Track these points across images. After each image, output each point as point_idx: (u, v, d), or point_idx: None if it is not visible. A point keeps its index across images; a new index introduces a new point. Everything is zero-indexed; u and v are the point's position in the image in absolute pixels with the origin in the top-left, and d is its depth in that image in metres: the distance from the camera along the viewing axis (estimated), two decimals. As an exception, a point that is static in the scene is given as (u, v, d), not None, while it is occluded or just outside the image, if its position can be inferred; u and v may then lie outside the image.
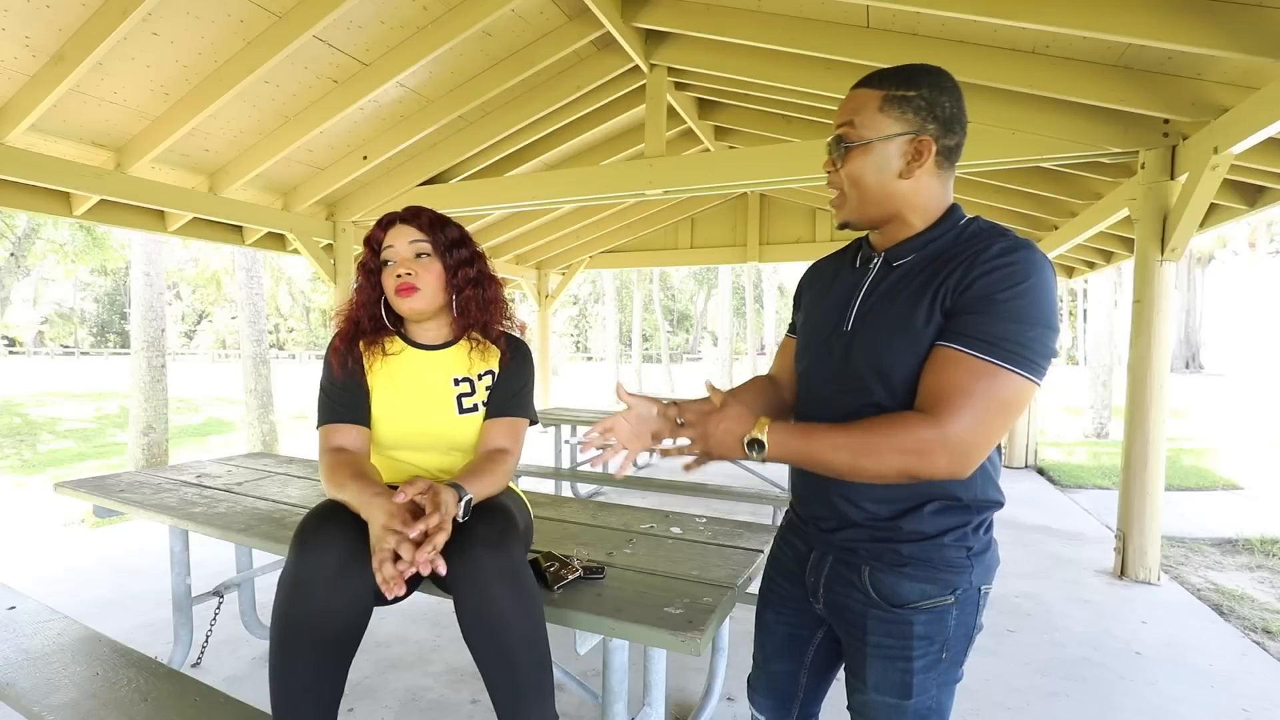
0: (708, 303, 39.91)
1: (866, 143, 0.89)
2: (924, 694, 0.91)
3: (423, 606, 2.64)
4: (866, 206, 0.92)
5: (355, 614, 1.09)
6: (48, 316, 35.94)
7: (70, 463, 7.94)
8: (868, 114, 0.89)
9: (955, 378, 0.79)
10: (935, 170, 0.90)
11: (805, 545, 1.03)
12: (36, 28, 2.58)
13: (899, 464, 0.79)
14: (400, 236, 1.31)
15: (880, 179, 0.89)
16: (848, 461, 0.82)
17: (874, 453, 0.80)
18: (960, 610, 0.90)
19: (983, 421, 0.78)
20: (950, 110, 0.88)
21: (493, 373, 1.37)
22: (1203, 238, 14.76)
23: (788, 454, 0.84)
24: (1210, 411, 11.69)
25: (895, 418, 0.82)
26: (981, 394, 0.78)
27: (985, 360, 0.78)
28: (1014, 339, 0.78)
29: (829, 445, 0.82)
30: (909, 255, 0.91)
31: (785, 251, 6.94)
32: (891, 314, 0.88)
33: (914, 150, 0.87)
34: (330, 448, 1.27)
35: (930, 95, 0.87)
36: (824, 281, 1.07)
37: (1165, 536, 3.61)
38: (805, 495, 1.03)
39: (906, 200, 0.90)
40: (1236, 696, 2.12)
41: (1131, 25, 2.32)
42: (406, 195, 4.60)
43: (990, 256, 0.81)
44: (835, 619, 0.99)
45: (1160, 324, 3.03)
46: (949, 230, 0.90)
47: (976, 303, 0.80)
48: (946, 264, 0.85)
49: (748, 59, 3.49)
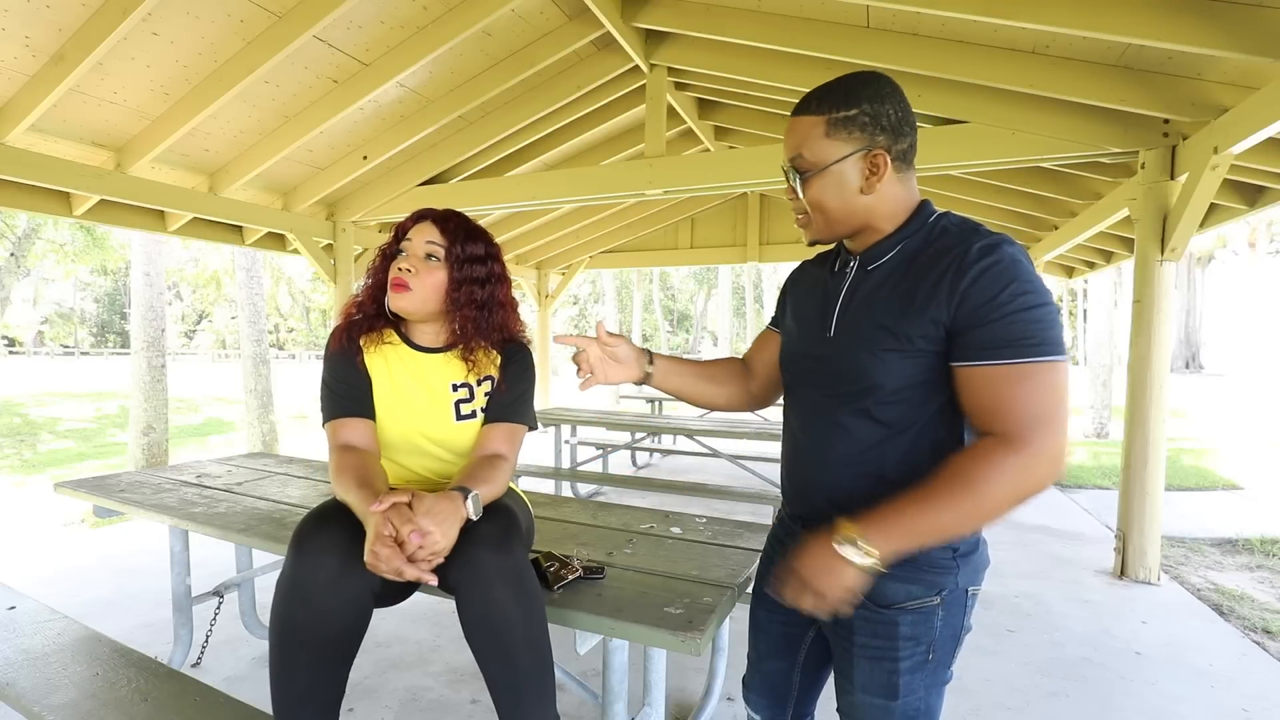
0: (708, 303, 39.91)
1: (822, 169, 0.89)
2: (911, 695, 0.92)
3: (423, 607, 2.64)
4: (834, 226, 0.93)
5: (354, 616, 1.08)
6: (48, 316, 35.96)
7: (70, 463, 7.94)
8: (814, 142, 0.89)
9: (1000, 392, 0.79)
10: (895, 176, 0.90)
11: (795, 545, 1.03)
12: (36, 28, 2.58)
13: (1011, 501, 0.79)
14: (421, 233, 1.29)
15: (842, 199, 0.90)
16: (965, 526, 0.80)
17: (985, 510, 0.79)
18: (947, 611, 0.90)
19: (1049, 419, 0.78)
20: (896, 116, 0.88)
21: (492, 378, 1.35)
22: (1203, 238, 14.77)
23: (900, 550, 0.82)
24: (1210, 411, 11.69)
25: (973, 462, 0.80)
26: (1032, 395, 0.78)
27: (1016, 364, 0.79)
28: (1031, 332, 0.79)
29: (934, 529, 0.81)
30: (882, 258, 0.92)
31: (785, 251, 6.95)
32: (875, 321, 0.89)
33: (869, 165, 0.88)
34: (339, 445, 1.25)
35: (872, 108, 0.87)
36: (806, 285, 1.08)
37: (1165, 536, 3.61)
38: (793, 496, 1.04)
39: (872, 211, 0.91)
40: (1236, 696, 2.12)
41: (1131, 25, 2.32)
42: (406, 195, 4.61)
43: (973, 261, 0.81)
44: (823, 619, 1.00)
45: (1160, 324, 3.03)
46: (919, 229, 0.90)
47: (980, 313, 0.80)
48: (927, 268, 0.85)
49: (748, 59, 3.49)
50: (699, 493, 3.43)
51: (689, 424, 4.64)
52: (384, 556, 0.99)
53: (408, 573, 1.00)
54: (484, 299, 1.32)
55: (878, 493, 0.89)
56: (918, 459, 0.88)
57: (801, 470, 1.01)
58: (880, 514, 0.82)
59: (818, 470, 0.97)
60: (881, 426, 0.89)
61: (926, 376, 0.86)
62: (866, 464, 0.91)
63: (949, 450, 0.89)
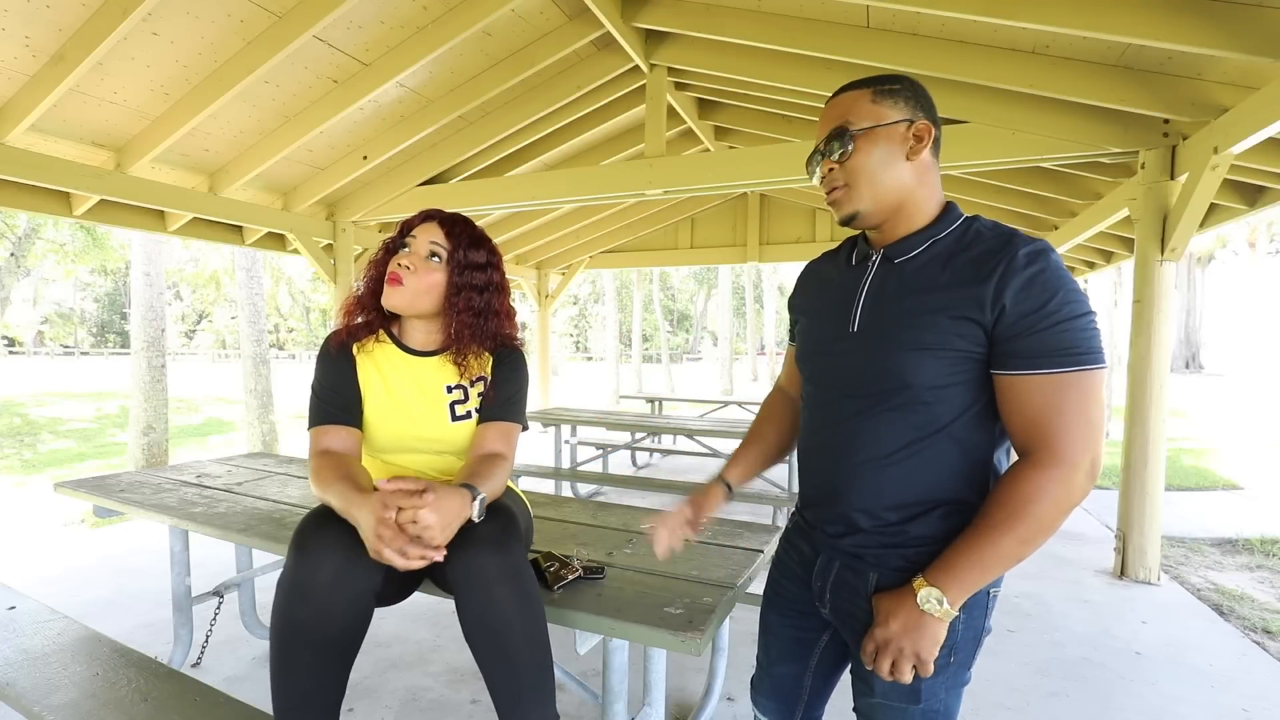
0: (708, 303, 39.93)
1: (872, 127, 0.89)
2: (932, 698, 0.90)
3: (423, 606, 2.64)
4: (874, 197, 0.90)
5: (355, 616, 1.08)
6: (48, 316, 35.94)
7: (70, 463, 7.94)
8: (861, 107, 0.90)
9: (1045, 401, 0.80)
10: (932, 161, 0.92)
11: (811, 549, 1.02)
12: (36, 28, 2.58)
13: (1060, 516, 0.80)
14: (427, 233, 1.29)
15: (887, 164, 0.89)
16: (1025, 551, 0.81)
17: (1040, 530, 0.80)
18: (968, 614, 0.88)
19: (1086, 428, 0.79)
20: (932, 109, 0.92)
21: (485, 379, 1.36)
22: (1203, 238, 14.76)
23: (973, 591, 0.84)
24: (1210, 411, 11.69)
25: (1019, 487, 0.81)
26: (1073, 405, 0.79)
27: (1061, 373, 0.79)
28: (1077, 341, 0.79)
29: (998, 559, 0.82)
30: (911, 252, 0.91)
31: (785, 251, 6.95)
32: (906, 319, 0.87)
33: (914, 135, 0.89)
34: (318, 450, 1.25)
35: (913, 90, 0.91)
36: (820, 282, 1.06)
37: (1165, 536, 3.61)
38: (812, 500, 1.02)
39: (912, 190, 0.90)
40: (1236, 696, 2.12)
41: (1131, 25, 2.32)
42: (406, 195, 4.61)
43: (1020, 266, 0.80)
44: (841, 623, 0.98)
45: (1160, 324, 3.03)
46: (949, 228, 0.90)
47: (1027, 322, 0.80)
48: (967, 269, 0.84)
49: (748, 59, 3.49)
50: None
51: (689, 424, 4.64)
52: (387, 538, 0.99)
53: (412, 553, 1.00)
54: (481, 306, 1.32)
55: (900, 496, 0.89)
56: (948, 463, 0.87)
57: (823, 473, 0.98)
58: (947, 562, 0.84)
59: (841, 474, 0.94)
60: (910, 428, 0.87)
61: (959, 378, 0.85)
62: (893, 467, 0.89)
63: (980, 456, 0.88)
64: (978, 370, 0.85)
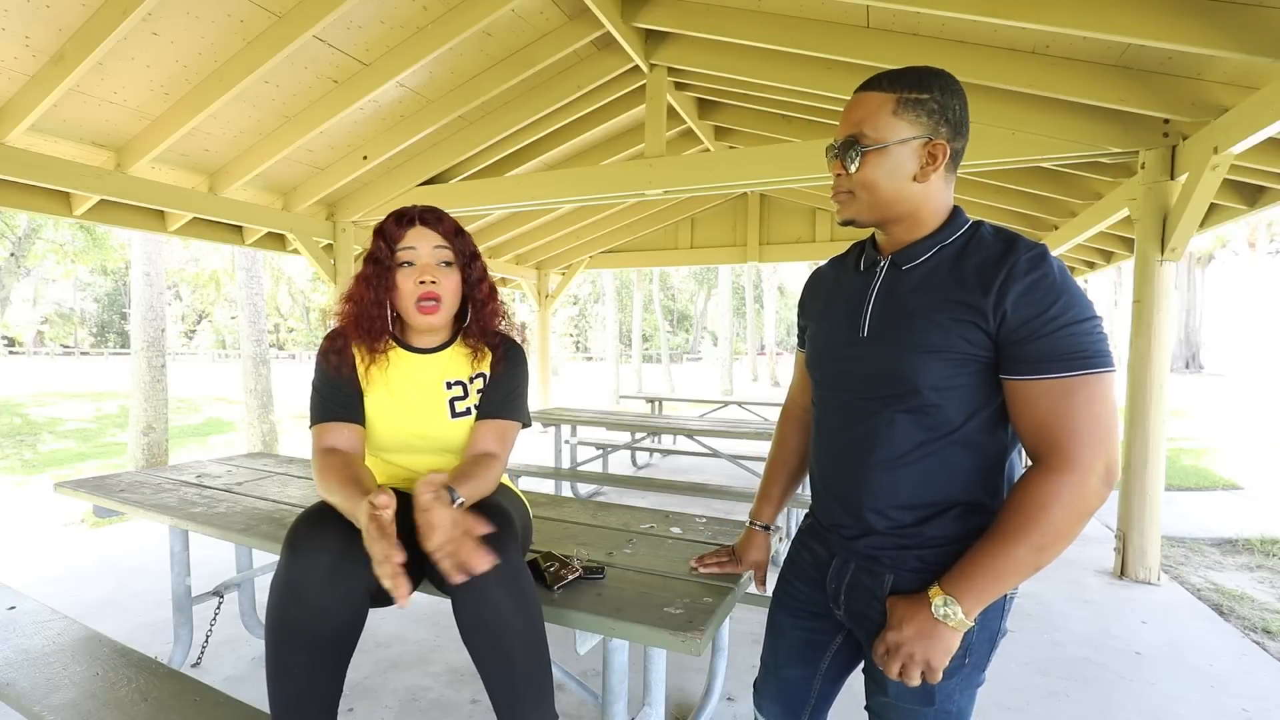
0: (708, 303, 39.93)
1: (883, 146, 0.87)
2: (946, 700, 0.90)
3: (423, 606, 2.64)
4: (878, 208, 0.91)
5: (349, 615, 1.08)
6: (48, 316, 35.92)
7: (70, 463, 7.94)
8: (882, 117, 0.87)
9: (1054, 406, 0.80)
10: (945, 175, 0.90)
11: (826, 551, 1.01)
12: (36, 28, 2.58)
13: (1077, 522, 0.79)
14: (424, 240, 1.25)
15: (894, 182, 0.88)
16: (1042, 559, 0.81)
17: (1056, 537, 0.79)
18: (984, 615, 0.88)
19: (1097, 432, 0.79)
20: (959, 114, 0.88)
21: (484, 375, 1.35)
22: (1203, 238, 14.76)
23: (989, 600, 0.83)
24: (1210, 411, 11.69)
25: (1032, 495, 0.80)
26: (1082, 409, 0.79)
27: (1067, 377, 0.79)
28: (1083, 345, 0.79)
29: (1013, 567, 0.81)
30: (918, 259, 0.91)
31: (785, 251, 6.94)
32: (914, 323, 0.87)
33: (928, 154, 0.87)
34: (322, 448, 1.23)
35: (942, 98, 0.87)
36: (828, 287, 1.06)
37: (1165, 536, 3.61)
38: (827, 502, 1.01)
39: (918, 203, 0.90)
40: (1236, 696, 2.12)
41: (1131, 25, 2.32)
42: (406, 195, 4.61)
43: (1023, 272, 0.80)
44: (856, 625, 0.98)
45: (1160, 324, 3.03)
46: (956, 234, 0.90)
47: (1031, 327, 0.80)
48: (972, 274, 0.84)
49: (748, 59, 3.49)
50: (699, 493, 3.43)
51: (689, 424, 4.64)
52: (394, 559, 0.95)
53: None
54: (488, 291, 1.35)
55: (915, 497, 0.89)
56: (961, 465, 0.88)
57: (837, 476, 0.98)
58: (962, 572, 0.83)
59: (854, 476, 0.94)
60: (921, 430, 0.88)
61: (968, 380, 0.85)
62: (907, 468, 0.89)
63: (993, 458, 0.88)
64: (986, 373, 0.85)
